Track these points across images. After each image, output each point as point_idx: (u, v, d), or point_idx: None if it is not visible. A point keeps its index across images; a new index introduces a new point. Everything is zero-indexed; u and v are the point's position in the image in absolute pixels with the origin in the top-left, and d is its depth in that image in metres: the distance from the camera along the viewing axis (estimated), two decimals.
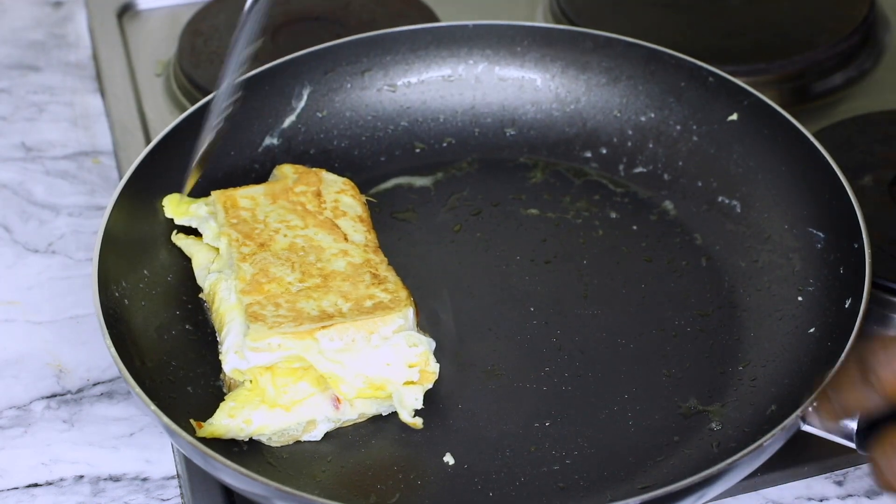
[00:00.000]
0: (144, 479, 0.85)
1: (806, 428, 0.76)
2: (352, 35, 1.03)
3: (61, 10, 1.27)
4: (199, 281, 0.89)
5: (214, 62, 1.14)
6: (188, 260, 0.92)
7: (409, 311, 0.82)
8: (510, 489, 0.79)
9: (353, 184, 0.94)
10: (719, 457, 0.75)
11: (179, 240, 0.91)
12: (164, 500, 0.84)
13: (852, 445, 0.76)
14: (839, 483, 0.83)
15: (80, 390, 0.91)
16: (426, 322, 0.88)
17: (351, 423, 0.82)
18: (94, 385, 0.91)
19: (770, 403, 0.81)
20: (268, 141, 1.00)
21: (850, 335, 0.78)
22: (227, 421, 0.80)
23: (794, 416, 0.75)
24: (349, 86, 1.02)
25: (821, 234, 0.89)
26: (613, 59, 1.02)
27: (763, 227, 0.93)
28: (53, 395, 0.90)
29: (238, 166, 0.98)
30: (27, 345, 0.94)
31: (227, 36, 1.16)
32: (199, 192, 0.93)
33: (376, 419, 0.83)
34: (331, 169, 1.00)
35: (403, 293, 0.83)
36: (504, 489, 0.79)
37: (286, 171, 0.94)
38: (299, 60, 1.01)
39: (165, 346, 0.86)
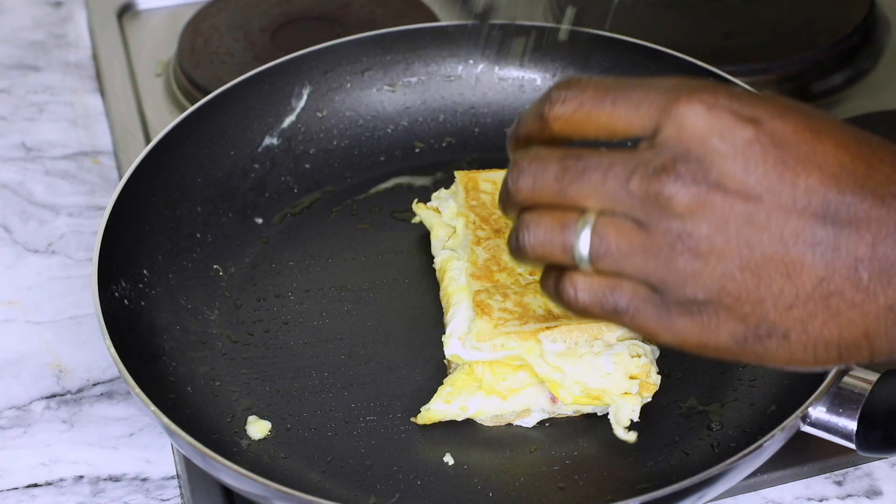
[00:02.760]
0: (144, 480, 0.85)
1: (806, 428, 0.76)
2: (352, 35, 1.03)
3: (61, 10, 1.27)
4: (434, 252, 0.90)
5: (214, 62, 1.14)
6: (188, 260, 0.92)
7: None
8: (510, 489, 0.79)
9: None
10: (719, 457, 0.75)
11: (420, 209, 0.92)
12: (163, 500, 0.84)
13: (852, 446, 0.76)
14: (839, 483, 0.83)
15: (80, 390, 0.91)
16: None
17: (564, 416, 0.82)
18: (94, 385, 0.91)
19: (770, 403, 0.81)
20: (267, 141, 1.00)
21: None
22: (444, 406, 0.81)
23: (794, 416, 0.75)
24: (349, 85, 1.02)
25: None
26: (613, 59, 1.02)
27: None
28: (53, 395, 0.90)
29: (238, 166, 0.98)
30: (27, 345, 0.94)
31: (227, 36, 1.17)
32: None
33: (376, 419, 0.83)
34: (331, 169, 1.01)
35: None
36: (504, 489, 0.79)
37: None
38: (299, 60, 1.01)
39: (165, 346, 0.86)
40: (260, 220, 0.97)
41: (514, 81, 1.04)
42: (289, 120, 1.01)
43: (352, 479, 0.80)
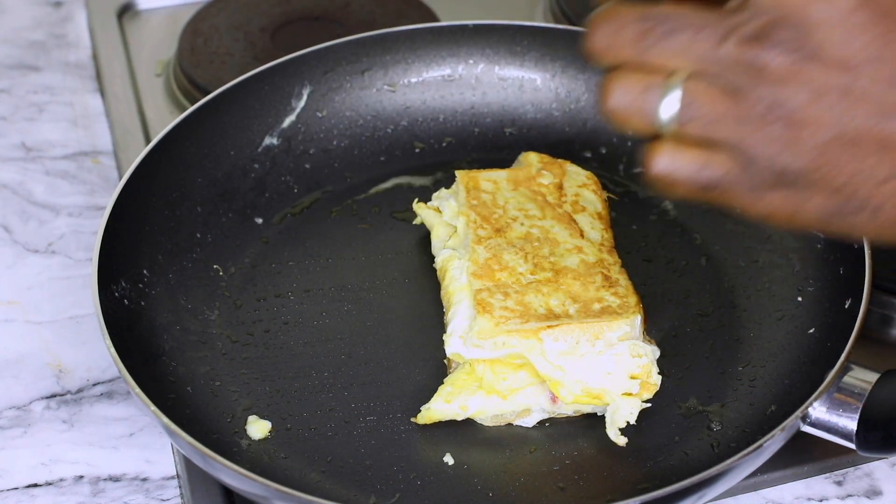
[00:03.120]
0: (144, 480, 0.85)
1: (806, 428, 0.76)
2: (352, 35, 1.03)
3: (61, 10, 1.27)
4: (434, 251, 0.90)
5: (214, 62, 1.14)
6: (188, 260, 0.92)
7: (637, 319, 0.80)
8: (510, 489, 0.79)
9: (596, 179, 0.93)
10: (719, 457, 0.75)
11: (420, 209, 0.92)
12: (163, 500, 0.84)
13: (852, 446, 0.76)
14: (839, 483, 0.83)
15: (80, 390, 0.91)
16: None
17: (564, 416, 0.82)
18: (94, 385, 0.91)
19: (770, 403, 0.81)
20: (268, 140, 1.00)
21: (849, 335, 0.78)
22: (444, 406, 0.81)
23: (794, 416, 0.75)
24: (349, 85, 1.02)
25: (821, 234, 0.89)
26: None
27: (763, 227, 0.93)
28: (53, 396, 0.90)
29: (238, 166, 0.98)
30: (27, 345, 0.94)
31: (227, 36, 1.17)
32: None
33: (376, 419, 0.83)
34: (331, 169, 1.01)
35: (633, 299, 0.82)
36: (504, 489, 0.79)
37: (531, 158, 0.94)
38: (299, 60, 1.01)
39: (165, 346, 0.86)
40: (260, 220, 0.97)
41: (514, 81, 1.04)
42: (289, 120, 1.01)
43: (352, 479, 0.80)
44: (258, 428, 0.82)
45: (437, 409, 0.81)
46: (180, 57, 1.15)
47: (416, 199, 0.93)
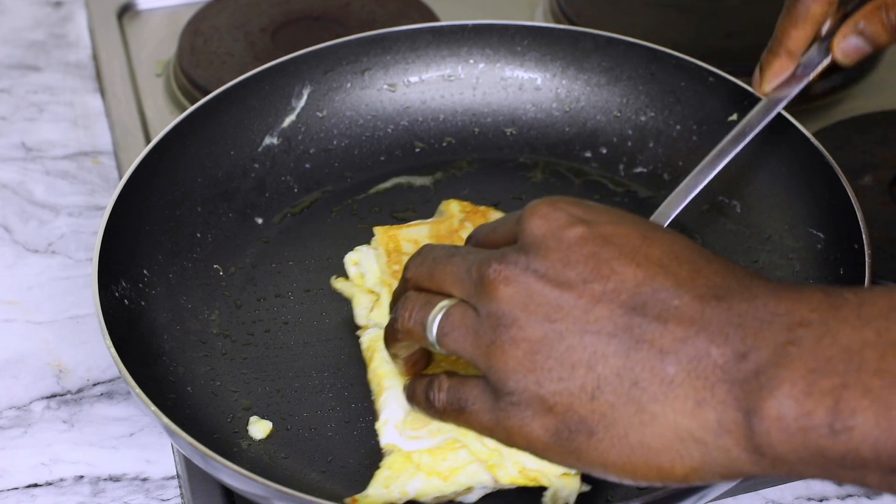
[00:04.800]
0: (144, 480, 0.85)
1: None
2: (352, 35, 1.03)
3: (61, 10, 1.27)
4: (359, 321, 0.87)
5: (214, 62, 1.14)
6: (188, 260, 0.92)
7: None
8: (510, 489, 0.79)
9: None
10: None
11: (339, 283, 0.90)
12: (163, 500, 0.84)
13: None
14: (839, 483, 0.83)
15: (80, 390, 0.91)
16: None
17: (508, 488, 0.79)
18: (94, 385, 0.91)
19: None
20: (268, 140, 1.00)
21: None
22: (383, 491, 0.77)
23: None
24: (349, 85, 1.02)
25: (821, 234, 0.89)
26: (613, 59, 1.02)
27: (763, 227, 0.93)
28: (53, 395, 0.90)
29: (238, 166, 0.98)
30: (27, 345, 0.94)
31: (227, 36, 1.17)
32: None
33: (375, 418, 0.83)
34: (331, 168, 1.01)
35: None
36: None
37: (452, 208, 0.90)
38: (299, 60, 1.01)
39: (165, 346, 0.86)
40: (260, 220, 0.97)
41: (514, 81, 1.04)
42: (289, 120, 1.01)
43: (352, 479, 0.80)
44: (259, 428, 0.82)
45: (376, 494, 0.77)
46: (180, 57, 1.15)
47: (334, 277, 0.91)
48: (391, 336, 0.73)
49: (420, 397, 0.73)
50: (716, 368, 0.59)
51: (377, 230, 0.89)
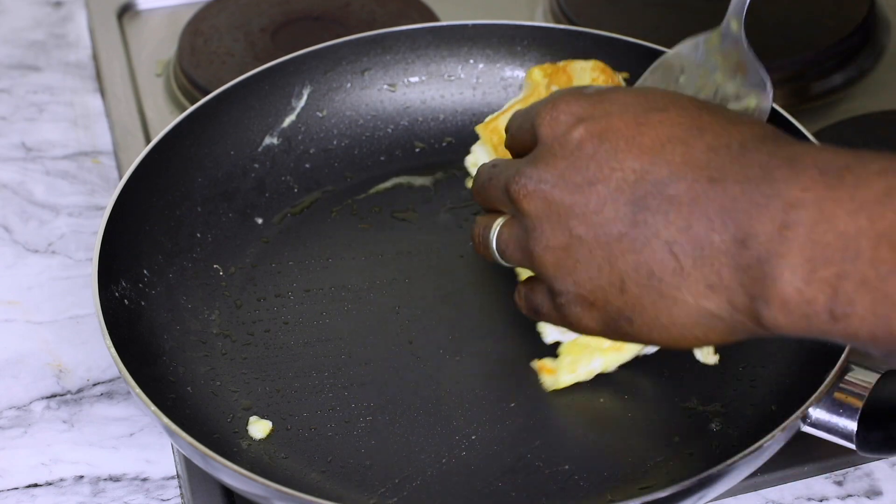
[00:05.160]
0: (144, 480, 0.85)
1: (806, 428, 0.76)
2: (352, 35, 1.03)
3: (61, 10, 1.27)
4: None
5: (214, 62, 1.14)
6: (188, 260, 0.92)
7: None
8: (510, 489, 0.79)
9: (603, 65, 0.93)
10: (719, 457, 0.74)
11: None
12: (163, 500, 0.84)
13: (852, 446, 0.76)
14: (839, 483, 0.83)
15: (80, 390, 0.91)
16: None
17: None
18: (94, 385, 0.91)
19: (770, 403, 0.81)
20: (268, 140, 1.00)
21: None
22: (571, 376, 0.82)
23: (794, 416, 0.75)
24: (349, 85, 1.02)
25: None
26: (613, 59, 1.01)
27: None
28: (53, 395, 0.90)
29: (238, 166, 0.98)
30: (27, 345, 0.94)
31: (227, 36, 1.17)
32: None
33: (376, 419, 0.83)
34: (331, 168, 1.01)
35: None
36: (504, 490, 0.79)
37: (536, 77, 0.93)
38: (299, 60, 1.01)
39: (165, 346, 0.86)
40: (260, 220, 0.97)
41: (515, 81, 1.04)
42: (289, 120, 1.01)
43: (352, 479, 0.80)
44: (259, 428, 0.82)
45: (566, 379, 0.83)
46: (180, 57, 1.15)
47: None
48: (479, 251, 0.78)
49: (518, 303, 0.79)
50: (720, 255, 0.62)
51: (478, 129, 0.93)
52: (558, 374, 0.83)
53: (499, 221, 0.74)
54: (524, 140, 0.74)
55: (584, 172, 0.67)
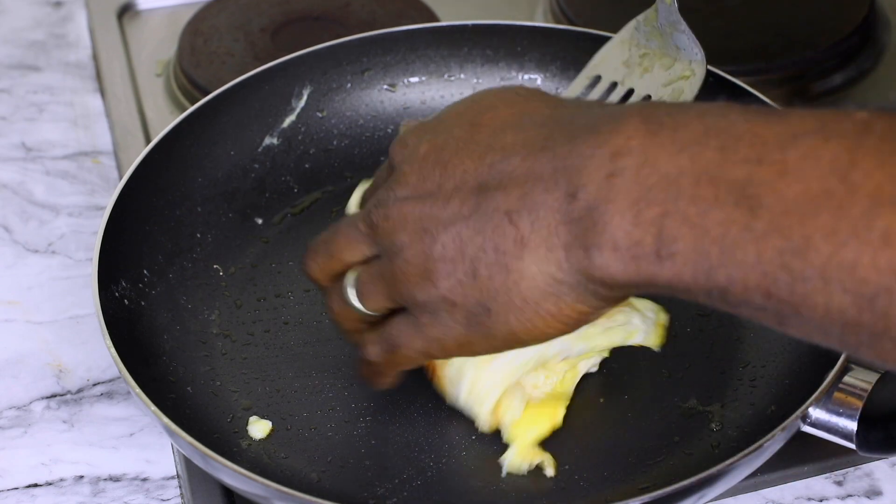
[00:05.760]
0: (144, 480, 0.85)
1: (806, 428, 0.76)
2: (352, 35, 1.03)
3: (61, 10, 1.27)
4: None
5: (214, 62, 1.14)
6: (188, 260, 0.92)
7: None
8: (510, 489, 0.79)
9: None
10: (719, 457, 0.75)
11: None
12: (163, 500, 0.84)
13: (852, 446, 0.76)
14: (839, 483, 0.83)
15: (80, 390, 0.91)
16: None
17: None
18: (94, 385, 0.91)
19: (770, 403, 0.81)
20: (268, 140, 1.00)
21: None
22: (533, 437, 0.81)
23: (794, 416, 0.75)
24: (349, 85, 1.02)
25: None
26: None
27: None
28: (53, 395, 0.90)
29: (238, 166, 0.98)
30: (27, 345, 0.94)
31: (227, 36, 1.17)
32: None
33: (376, 419, 0.83)
34: (331, 169, 1.01)
35: None
36: (505, 490, 0.79)
37: None
38: (299, 60, 1.01)
39: (165, 346, 0.86)
40: (260, 220, 0.97)
41: (515, 81, 1.03)
42: (289, 120, 1.01)
43: (352, 479, 0.80)
44: (259, 428, 0.82)
45: (533, 441, 0.81)
46: (180, 57, 1.15)
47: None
48: (343, 332, 0.77)
49: (362, 369, 0.77)
50: (553, 213, 0.63)
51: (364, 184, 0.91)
52: (524, 450, 0.80)
53: (351, 273, 0.74)
54: (378, 186, 0.75)
55: (431, 179, 0.68)
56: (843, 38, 1.14)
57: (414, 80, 1.04)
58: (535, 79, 1.03)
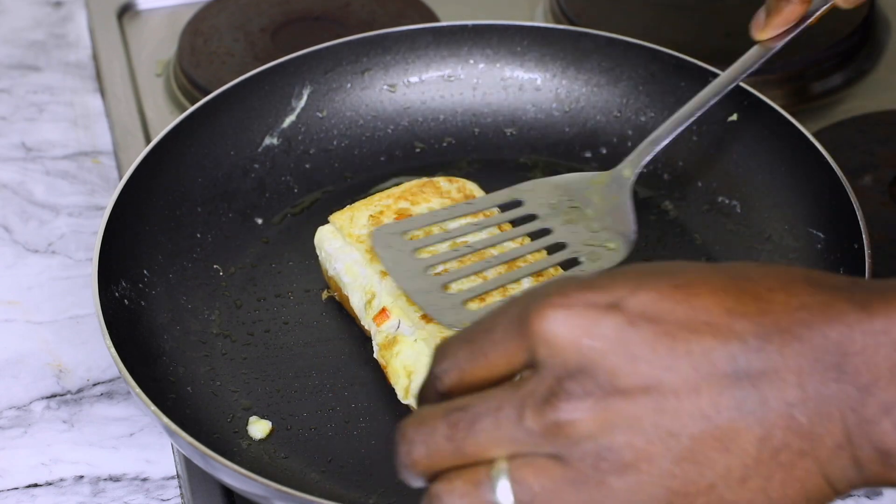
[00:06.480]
0: (144, 480, 0.85)
1: None
2: (352, 35, 1.03)
3: (61, 10, 1.27)
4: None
5: (214, 62, 1.14)
6: (188, 260, 0.92)
7: None
8: None
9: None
10: None
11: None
12: (163, 500, 0.84)
13: None
14: None
15: (80, 390, 0.91)
16: None
17: None
18: (94, 385, 0.91)
19: None
20: (268, 141, 1.00)
21: None
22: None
23: None
24: (349, 85, 1.02)
25: (821, 234, 0.89)
26: (613, 59, 1.02)
27: (763, 227, 0.93)
28: (53, 395, 0.90)
29: (238, 166, 0.98)
30: (27, 345, 0.94)
31: (227, 36, 1.17)
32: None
33: (376, 419, 0.83)
34: (331, 169, 1.01)
35: None
36: None
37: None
38: (299, 60, 1.01)
39: (165, 346, 0.86)
40: (260, 220, 0.97)
41: (515, 81, 1.03)
42: (289, 120, 1.01)
43: (352, 479, 0.80)
44: (259, 428, 0.82)
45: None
46: (180, 57, 1.15)
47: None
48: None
49: None
50: (843, 408, 0.55)
51: (333, 217, 0.91)
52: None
53: (500, 466, 0.55)
54: (496, 370, 0.57)
55: (648, 362, 0.54)
56: (843, 38, 1.14)
57: (414, 80, 1.04)
58: (535, 79, 1.03)
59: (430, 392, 0.59)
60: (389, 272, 0.82)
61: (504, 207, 0.90)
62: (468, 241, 0.86)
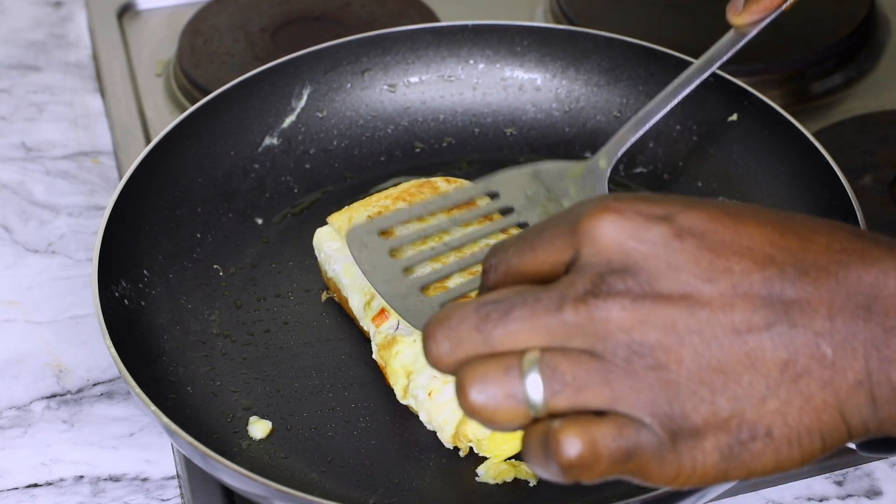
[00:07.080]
0: (144, 480, 0.85)
1: None
2: (352, 35, 1.03)
3: (61, 10, 1.27)
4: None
5: (214, 62, 1.14)
6: (188, 260, 0.92)
7: None
8: (511, 489, 0.79)
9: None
10: None
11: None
12: (163, 500, 0.84)
13: (852, 446, 0.76)
14: (839, 483, 0.83)
15: (80, 390, 0.91)
16: None
17: None
18: (94, 385, 0.91)
19: None
20: (268, 141, 1.00)
21: None
22: (504, 465, 0.80)
23: None
24: (349, 85, 1.02)
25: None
26: (613, 60, 1.02)
27: None
28: (53, 395, 0.90)
29: (238, 166, 0.98)
30: (27, 345, 0.94)
31: (227, 36, 1.17)
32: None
33: (376, 419, 0.83)
34: (331, 169, 1.01)
35: None
36: (505, 489, 0.79)
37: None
38: (299, 60, 1.01)
39: (165, 346, 0.86)
40: (260, 220, 0.97)
41: (515, 81, 1.04)
42: (289, 120, 1.01)
43: (352, 479, 0.80)
44: (259, 428, 0.82)
45: (496, 471, 0.80)
46: (180, 57, 1.15)
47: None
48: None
49: (543, 463, 0.58)
50: (867, 345, 0.57)
51: (331, 218, 0.90)
52: (496, 467, 0.80)
53: (531, 355, 0.56)
54: (546, 265, 0.58)
55: (690, 271, 0.56)
56: (843, 38, 1.14)
57: (414, 80, 1.04)
58: (535, 79, 1.03)
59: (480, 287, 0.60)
60: (366, 275, 0.79)
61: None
62: (444, 240, 0.84)
